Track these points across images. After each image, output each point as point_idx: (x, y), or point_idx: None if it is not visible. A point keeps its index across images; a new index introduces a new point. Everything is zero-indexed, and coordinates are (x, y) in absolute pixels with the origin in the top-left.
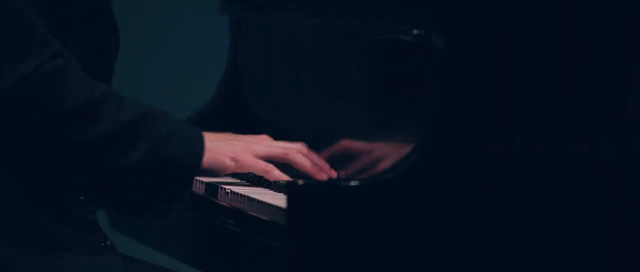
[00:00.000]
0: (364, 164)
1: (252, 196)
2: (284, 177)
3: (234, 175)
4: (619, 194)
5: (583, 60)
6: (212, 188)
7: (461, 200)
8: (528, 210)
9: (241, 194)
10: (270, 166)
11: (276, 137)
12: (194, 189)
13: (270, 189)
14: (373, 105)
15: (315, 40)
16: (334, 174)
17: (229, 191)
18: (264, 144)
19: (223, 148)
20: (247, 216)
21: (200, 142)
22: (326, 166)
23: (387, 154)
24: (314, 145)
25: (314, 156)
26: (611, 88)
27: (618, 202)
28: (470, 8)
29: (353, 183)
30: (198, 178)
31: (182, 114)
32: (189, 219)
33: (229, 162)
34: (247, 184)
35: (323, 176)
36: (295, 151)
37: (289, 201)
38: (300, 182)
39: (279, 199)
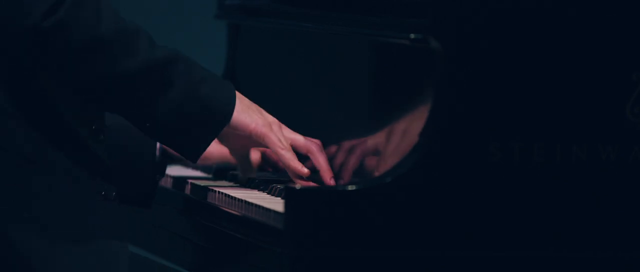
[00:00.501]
0: (362, 168)
1: (249, 199)
2: (295, 162)
3: (226, 178)
4: (619, 199)
5: (580, 63)
6: (205, 191)
7: (460, 204)
8: (527, 214)
9: (237, 198)
10: (289, 146)
11: None
12: (186, 191)
13: (265, 193)
14: (371, 109)
15: (313, 45)
16: (331, 181)
17: (223, 193)
18: (287, 128)
19: (253, 108)
20: (243, 220)
21: (232, 90)
22: (331, 171)
23: (385, 157)
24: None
25: (326, 159)
26: (610, 92)
27: (618, 206)
28: (468, 12)
29: (351, 187)
30: (189, 180)
31: None
32: (182, 222)
33: (258, 120)
34: (238, 186)
35: (330, 181)
36: (318, 146)
37: (286, 205)
38: (298, 186)
39: (276, 203)
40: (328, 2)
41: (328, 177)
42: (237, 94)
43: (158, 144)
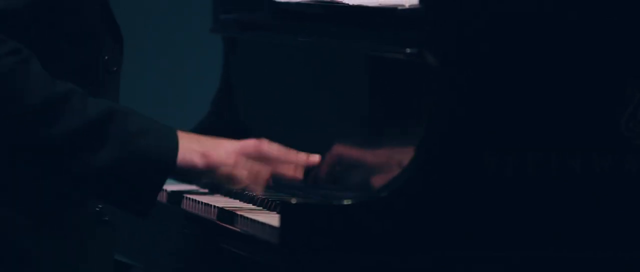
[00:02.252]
0: (357, 182)
1: (243, 214)
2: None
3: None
4: (613, 210)
5: (576, 77)
6: (199, 204)
7: (455, 218)
8: (523, 227)
9: (231, 212)
10: (238, 160)
11: None
12: (183, 206)
13: (259, 206)
14: (366, 123)
15: (309, 59)
16: (300, 174)
17: (217, 207)
18: (234, 141)
19: (194, 144)
20: (237, 234)
21: (174, 139)
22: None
23: (381, 171)
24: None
25: (280, 148)
26: (605, 104)
27: (612, 218)
28: (463, 26)
29: (346, 202)
30: (186, 195)
31: None
32: (177, 237)
33: (197, 159)
34: (234, 200)
35: (298, 174)
36: (266, 142)
37: (282, 219)
38: (294, 200)
39: (271, 218)
40: (323, 16)
41: (294, 171)
42: (188, 136)
43: None
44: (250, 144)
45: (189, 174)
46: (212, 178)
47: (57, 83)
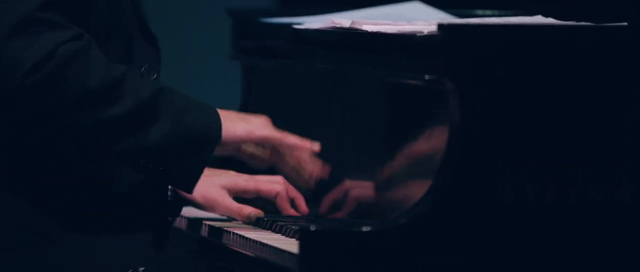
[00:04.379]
0: (377, 209)
1: (262, 240)
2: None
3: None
4: (634, 239)
5: (595, 102)
6: (218, 231)
7: (475, 245)
8: (542, 255)
9: (250, 238)
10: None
11: None
12: (200, 232)
13: (277, 233)
14: (385, 149)
15: (327, 85)
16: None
17: (236, 234)
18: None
19: (241, 117)
20: (256, 261)
21: (215, 113)
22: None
23: (400, 198)
24: (327, 188)
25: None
26: (625, 130)
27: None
28: (482, 53)
29: (366, 228)
30: (204, 221)
31: None
32: (193, 265)
33: (240, 132)
34: (251, 226)
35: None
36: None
37: (301, 246)
38: (313, 227)
39: (290, 244)
40: (342, 43)
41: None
42: (223, 112)
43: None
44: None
45: (232, 147)
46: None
47: (113, 66)
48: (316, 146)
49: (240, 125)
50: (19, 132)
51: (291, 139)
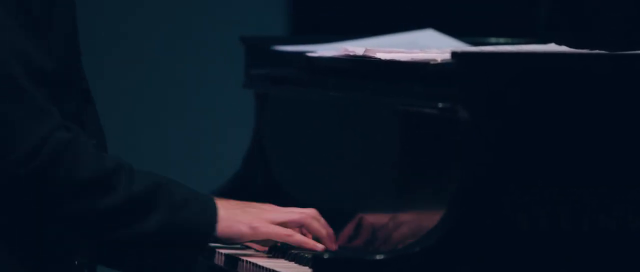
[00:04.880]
0: (389, 237)
1: (276, 268)
2: (307, 241)
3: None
4: None
5: (609, 132)
6: (232, 260)
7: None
8: None
9: (265, 267)
10: (291, 230)
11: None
12: (214, 261)
13: (291, 261)
14: (398, 177)
15: (340, 113)
16: (334, 245)
17: (250, 262)
18: (279, 209)
19: (239, 216)
20: None
21: (213, 210)
22: (333, 236)
23: (413, 227)
24: (340, 217)
25: (326, 223)
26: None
27: None
28: (495, 80)
29: (379, 257)
30: (218, 250)
31: (207, 187)
32: None
33: (245, 230)
34: (265, 254)
35: (334, 246)
36: (311, 217)
37: None
38: (326, 255)
39: None
40: (355, 71)
41: (330, 243)
42: (223, 202)
43: None
44: (295, 215)
45: (236, 242)
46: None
47: (105, 157)
48: (320, 246)
49: (244, 222)
50: (10, 218)
51: (297, 237)
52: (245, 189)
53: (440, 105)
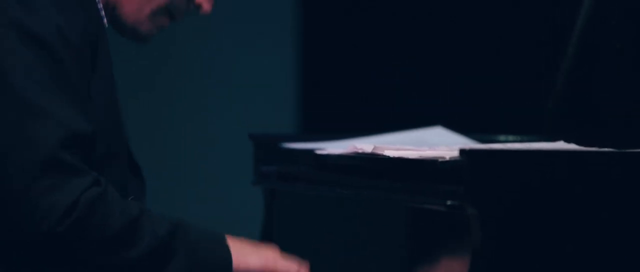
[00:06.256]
0: None
1: None
2: None
3: None
4: None
5: (619, 225)
6: None
7: None
8: None
9: None
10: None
11: None
12: None
13: None
14: None
15: (349, 210)
16: None
17: None
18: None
19: (248, 248)
20: None
21: (225, 246)
22: None
23: None
24: None
25: None
26: None
27: None
28: (502, 177)
29: None
30: None
31: None
32: None
33: (256, 262)
34: None
35: None
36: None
37: None
38: None
39: None
40: (363, 168)
41: None
42: (232, 241)
43: None
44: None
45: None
46: None
47: (128, 205)
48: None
49: (253, 258)
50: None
51: None
52: None
53: (448, 202)
